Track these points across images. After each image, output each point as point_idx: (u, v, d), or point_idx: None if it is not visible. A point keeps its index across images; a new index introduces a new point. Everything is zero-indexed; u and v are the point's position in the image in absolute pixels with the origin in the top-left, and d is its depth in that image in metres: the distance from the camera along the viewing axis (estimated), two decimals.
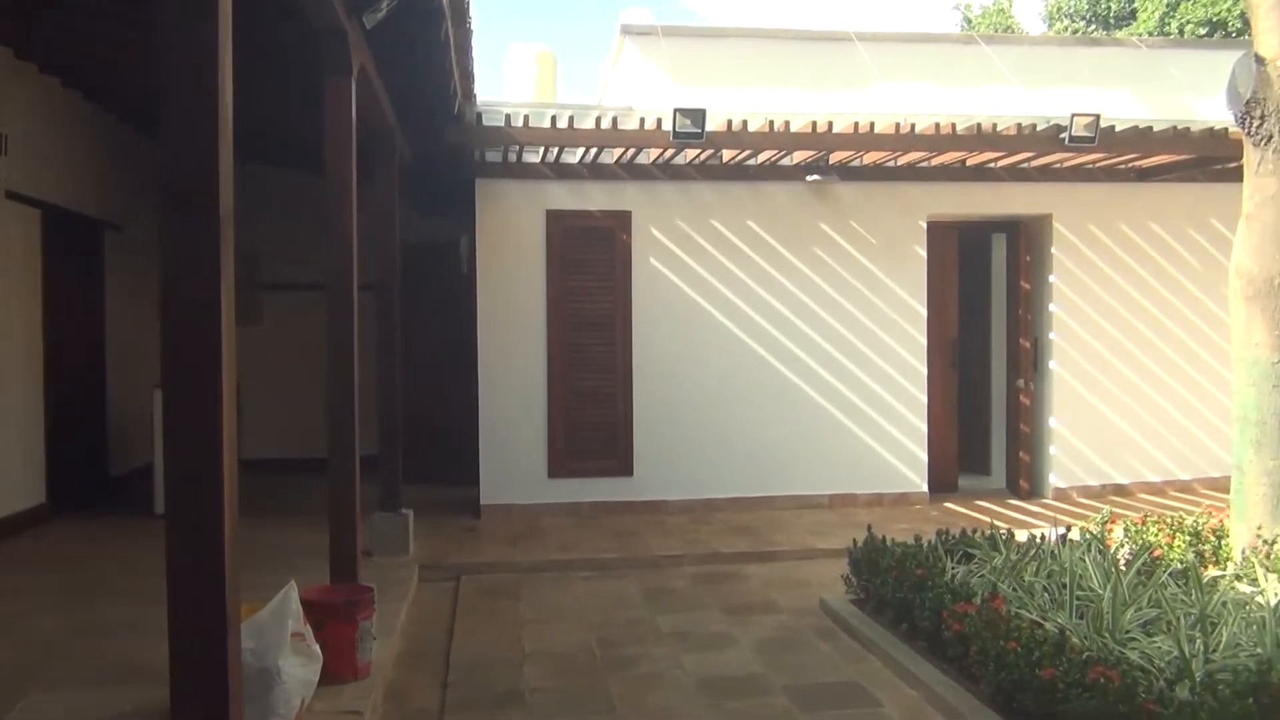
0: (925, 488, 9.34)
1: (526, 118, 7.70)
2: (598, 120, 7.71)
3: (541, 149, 8.38)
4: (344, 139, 5.12)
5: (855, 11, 38.25)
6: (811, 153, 8.49)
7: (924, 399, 9.35)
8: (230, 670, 2.81)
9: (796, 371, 9.17)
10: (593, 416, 8.91)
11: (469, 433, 8.92)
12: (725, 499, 9.01)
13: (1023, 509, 9.03)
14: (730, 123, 7.69)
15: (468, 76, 6.59)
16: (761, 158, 8.75)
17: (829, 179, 8.96)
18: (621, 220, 8.94)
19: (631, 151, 8.46)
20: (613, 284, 8.96)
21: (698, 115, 7.26)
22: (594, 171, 8.85)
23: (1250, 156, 5.51)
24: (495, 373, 8.77)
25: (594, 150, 8.40)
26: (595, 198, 8.91)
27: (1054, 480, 9.58)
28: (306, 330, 9.45)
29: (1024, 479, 9.78)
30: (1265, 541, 5.31)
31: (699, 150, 8.21)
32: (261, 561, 5.97)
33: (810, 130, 7.74)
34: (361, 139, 5.52)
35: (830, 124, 7.76)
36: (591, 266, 8.92)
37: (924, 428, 9.35)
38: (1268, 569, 5.02)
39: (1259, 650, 3.87)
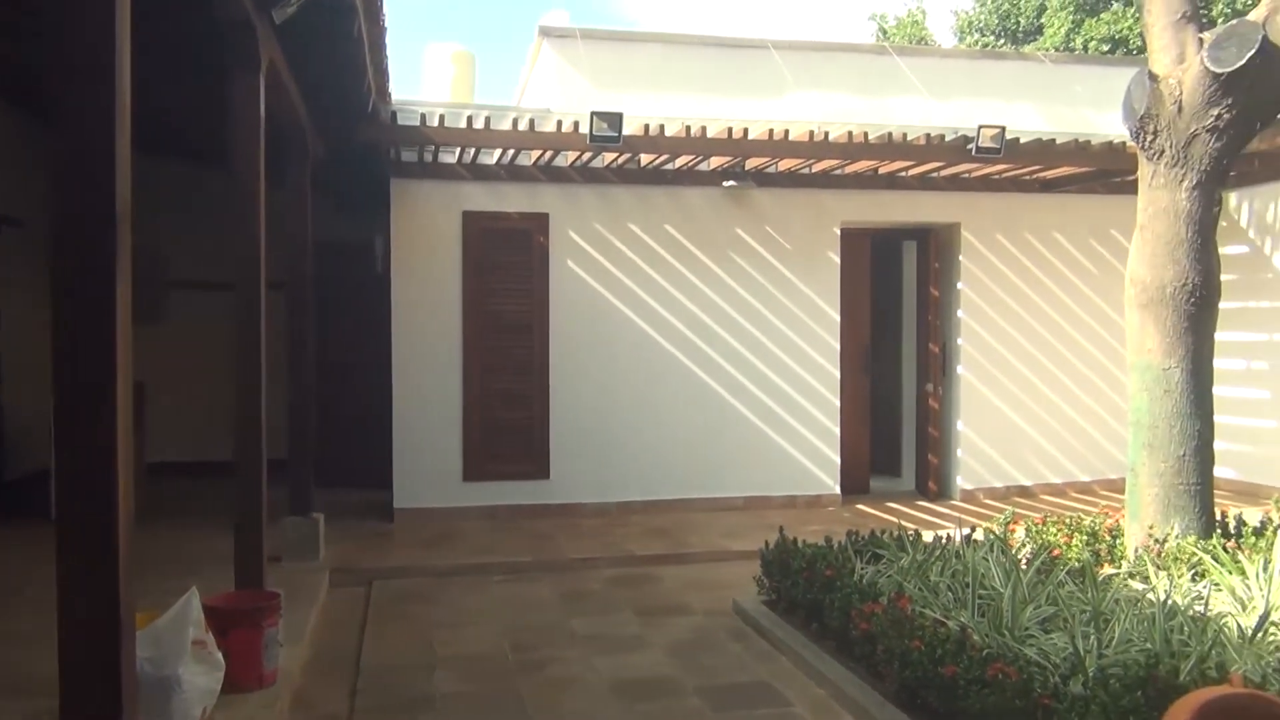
0: (838, 490, 9.49)
1: (442, 117, 7.63)
2: (514, 122, 7.68)
3: (458, 149, 8.31)
4: (252, 135, 5.01)
5: (773, 20, 38.78)
6: (728, 159, 8.57)
7: (837, 402, 9.50)
8: (124, 679, 2.72)
9: (712, 375, 9.24)
10: (509, 419, 8.86)
11: (384, 435, 8.80)
12: (641, 501, 9.03)
13: (931, 510, 9.24)
14: (647, 127, 7.72)
15: (382, 74, 6.51)
16: (679, 162, 8.80)
17: (745, 185, 9.06)
18: (539, 222, 8.91)
19: (549, 154, 8.44)
20: (530, 286, 8.92)
21: (615, 119, 7.28)
22: (511, 173, 8.80)
23: (1144, 170, 5.73)
24: (410, 374, 8.67)
25: (511, 152, 8.36)
26: (512, 199, 8.86)
27: (961, 482, 9.82)
28: (216, 330, 9.22)
29: (933, 481, 10.01)
30: (1157, 540, 5.52)
31: (617, 154, 8.23)
32: (164, 568, 5.83)
33: (726, 136, 7.82)
34: (272, 135, 5.42)
35: (746, 130, 7.86)
36: (508, 268, 8.87)
37: (837, 431, 9.51)
38: (1159, 567, 5.21)
39: (1149, 645, 4.01)
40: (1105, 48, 19.34)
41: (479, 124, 7.61)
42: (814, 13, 40.69)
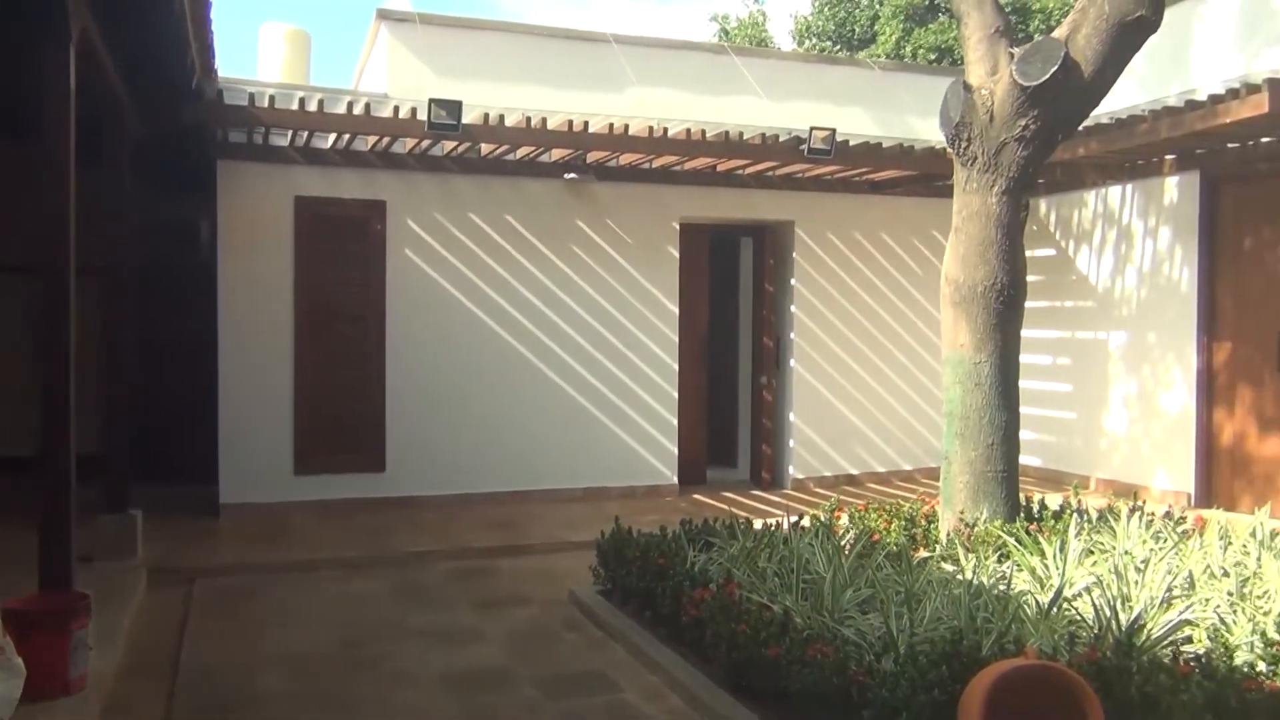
0: (675, 480, 9.67)
1: (272, 99, 7.38)
2: (350, 106, 7.50)
3: (290, 133, 8.04)
4: (61, 110, 4.72)
5: (616, 15, 38.98)
6: (569, 151, 8.60)
7: (675, 394, 9.68)
8: None
9: (553, 367, 9.26)
10: (343, 410, 8.65)
11: (210, 428, 8.44)
12: (481, 494, 8.97)
13: (764, 499, 9.53)
14: (487, 117, 7.66)
15: (206, 50, 6.23)
16: (520, 153, 8.77)
17: (586, 178, 9.11)
18: (376, 210, 8.72)
19: (387, 140, 8.27)
20: (366, 275, 8.73)
21: (454, 107, 7.20)
22: (347, 159, 8.58)
23: (959, 175, 6.06)
24: (238, 364, 8.34)
25: (347, 137, 8.15)
26: (348, 185, 8.65)
27: (793, 472, 10.16)
28: (23, 317, 8.65)
29: (766, 471, 10.32)
30: (967, 524, 5.86)
31: (456, 143, 8.13)
32: None
33: (567, 129, 7.84)
34: (87, 111, 5.11)
35: (586, 124, 7.90)
36: (344, 256, 8.65)
37: (675, 422, 9.68)
38: (968, 549, 5.54)
39: (956, 623, 4.26)
40: (933, 57, 20.26)
41: (311, 107, 7.39)
42: (657, 10, 41.14)
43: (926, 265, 10.44)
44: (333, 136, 8.18)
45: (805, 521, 6.32)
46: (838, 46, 22.81)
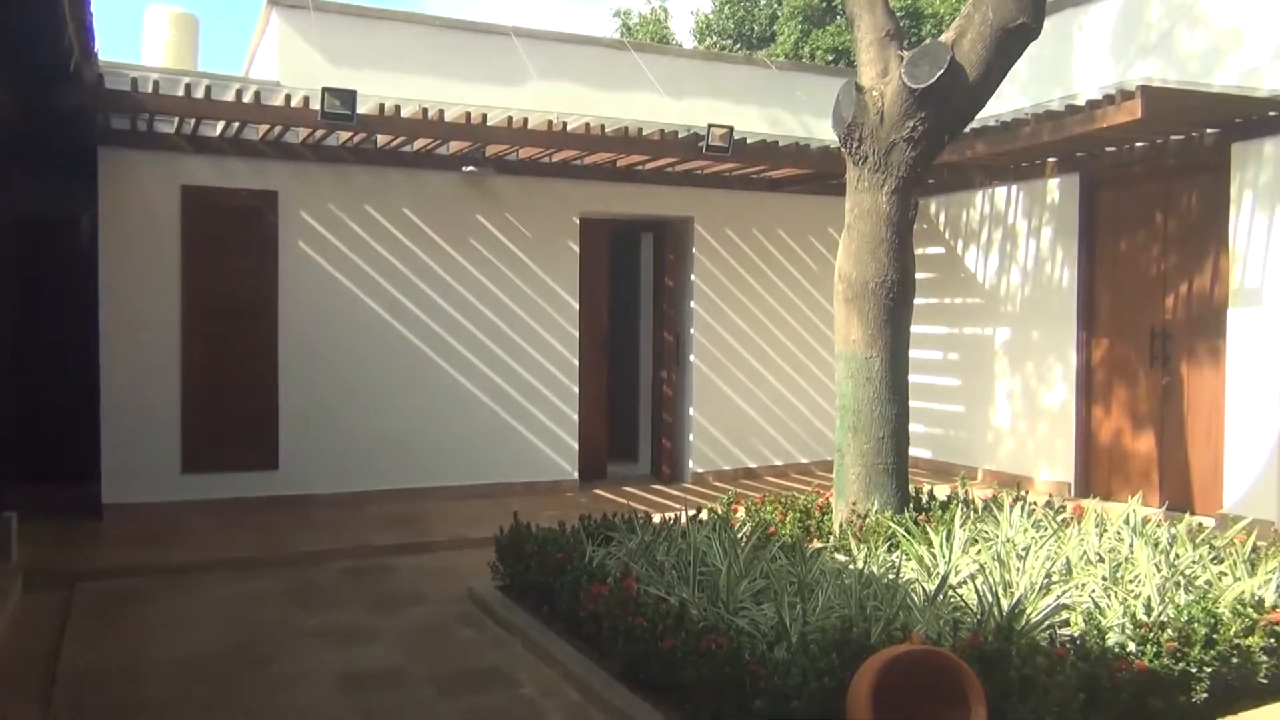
0: (576, 475, 9.68)
1: (157, 84, 7.12)
2: (239, 94, 7.29)
3: (176, 120, 7.78)
4: None
5: (518, 8, 38.64)
6: (468, 144, 8.51)
7: (576, 389, 9.68)
8: None
9: (452, 362, 9.17)
10: (234, 407, 8.42)
11: (92, 425, 8.11)
12: (379, 491, 8.84)
13: (664, 493, 9.60)
14: (383, 107, 7.54)
15: (85, 31, 5.97)
16: (418, 145, 8.65)
17: (485, 172, 9.04)
18: (268, 200, 8.50)
19: (279, 129, 8.06)
20: (258, 267, 8.51)
21: (348, 97, 7.06)
22: (238, 147, 8.34)
23: (851, 174, 6.19)
24: (122, 359, 8.04)
25: (237, 125, 7.93)
26: (239, 175, 8.41)
27: (693, 466, 10.26)
28: None
29: (667, 465, 10.41)
30: (859, 515, 6.00)
31: (352, 133, 7.98)
32: None
33: (465, 121, 7.76)
34: None
35: (485, 116, 7.83)
36: (234, 248, 8.42)
37: (575, 417, 9.68)
38: (859, 540, 5.68)
39: (846, 611, 4.37)
40: (830, 58, 20.64)
41: (199, 93, 7.16)
42: (560, 5, 40.98)
43: (822, 262, 10.65)
44: (221, 124, 7.94)
45: (703, 515, 6.39)
46: (738, 45, 23.06)
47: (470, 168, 8.97)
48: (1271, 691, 4.29)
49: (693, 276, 10.21)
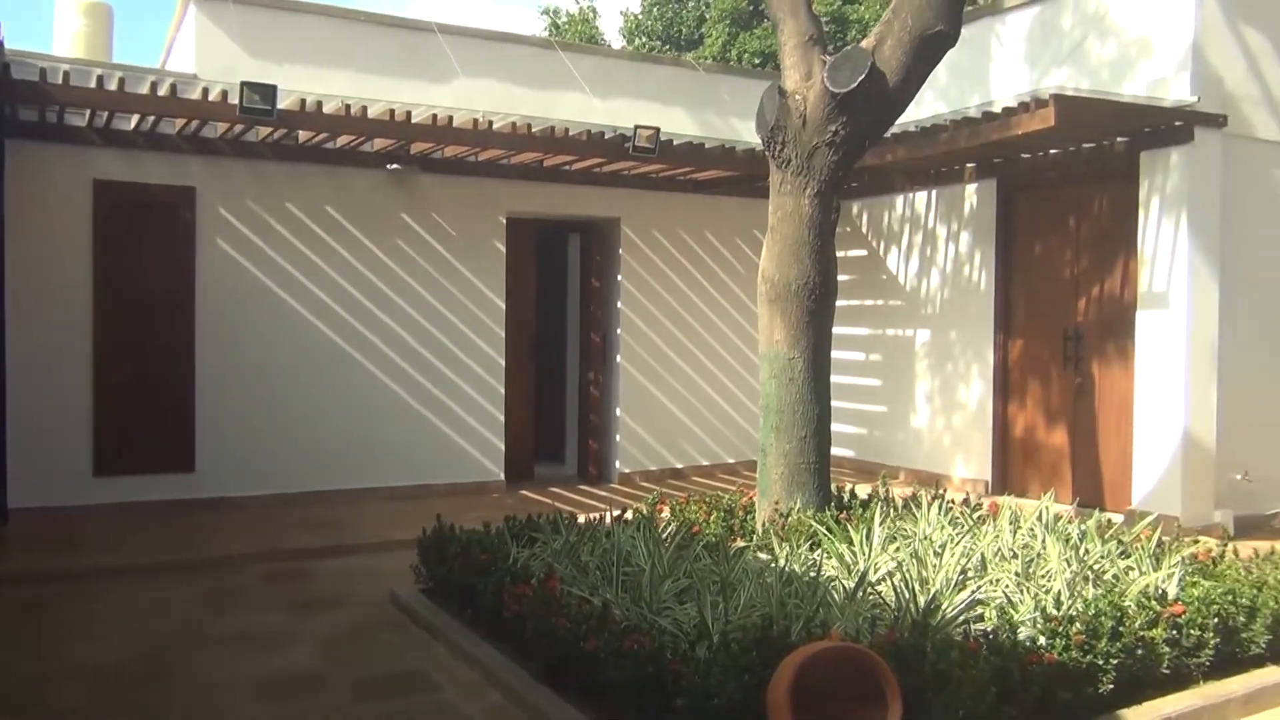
0: (502, 476, 9.63)
1: (67, 75, 6.92)
2: (154, 86, 7.10)
3: (88, 112, 7.55)
4: None
5: (444, 5, 38.20)
6: (391, 141, 8.41)
7: (502, 390, 9.63)
8: None
9: (376, 362, 9.06)
10: (149, 408, 8.20)
11: None
12: (301, 493, 8.69)
13: (591, 494, 9.60)
14: (304, 102, 7.41)
15: None
16: (340, 142, 8.53)
17: (410, 169, 8.95)
18: (185, 196, 8.31)
19: (196, 123, 7.88)
20: (175, 265, 8.31)
21: (268, 91, 6.92)
22: (153, 142, 8.13)
23: (774, 176, 6.26)
24: (29, 359, 7.77)
25: (152, 119, 7.73)
26: (154, 170, 8.20)
27: (619, 466, 10.28)
28: None
29: (593, 466, 10.41)
30: (781, 515, 6.07)
31: (272, 128, 7.83)
32: None
33: (388, 118, 7.66)
34: None
35: (409, 114, 7.75)
36: (149, 245, 8.21)
37: (502, 418, 9.63)
38: (782, 539, 5.74)
39: (767, 610, 4.42)
40: (758, 61, 20.84)
41: (111, 85, 6.96)
42: (487, 2, 40.69)
43: (748, 263, 10.74)
44: (136, 118, 7.73)
45: (629, 515, 6.40)
46: (666, 46, 23.17)
47: (395, 165, 8.87)
48: (1174, 681, 4.45)
49: (619, 277, 10.23)
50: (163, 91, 7.11)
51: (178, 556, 7.00)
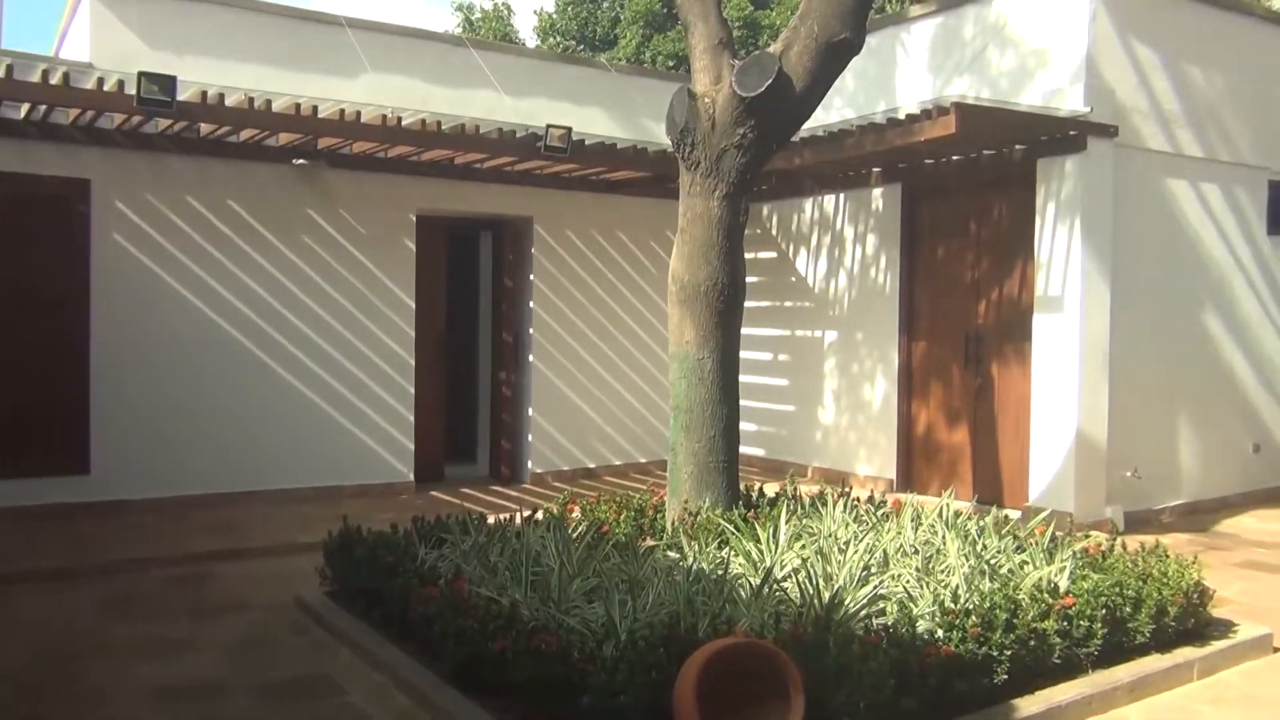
0: (412, 477, 9.53)
1: None
2: (45, 75, 6.85)
3: None
4: None
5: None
6: (298, 136, 8.25)
7: (412, 390, 9.52)
8: None
9: (281, 361, 8.88)
10: (39, 408, 7.92)
11: None
12: (203, 495, 8.48)
13: (502, 494, 9.56)
14: (205, 95, 7.21)
15: None
16: (244, 136, 8.34)
17: (317, 165, 8.79)
18: (78, 189, 8.04)
19: (92, 114, 7.62)
20: (67, 259, 8.04)
21: (167, 83, 6.73)
22: (45, 132, 7.84)
23: (684, 178, 6.32)
24: None
25: (44, 108, 7.45)
26: (47, 161, 7.91)
27: (532, 466, 10.25)
28: None
29: (505, 466, 10.36)
30: (690, 513, 6.12)
31: (172, 121, 7.62)
32: None
33: (294, 112, 7.52)
34: None
35: (315, 108, 7.61)
36: (39, 239, 7.92)
37: (412, 418, 9.53)
38: (690, 537, 5.80)
39: (674, 607, 4.46)
40: (671, 64, 20.98)
41: None
42: None
43: (660, 264, 10.80)
44: (26, 107, 7.45)
45: (539, 515, 6.39)
46: (581, 46, 23.16)
47: (301, 160, 8.71)
48: (1064, 671, 4.62)
49: (532, 276, 10.20)
50: (55, 80, 6.87)
51: (73, 562, 6.78)
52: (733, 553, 5.53)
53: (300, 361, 8.96)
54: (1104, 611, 4.76)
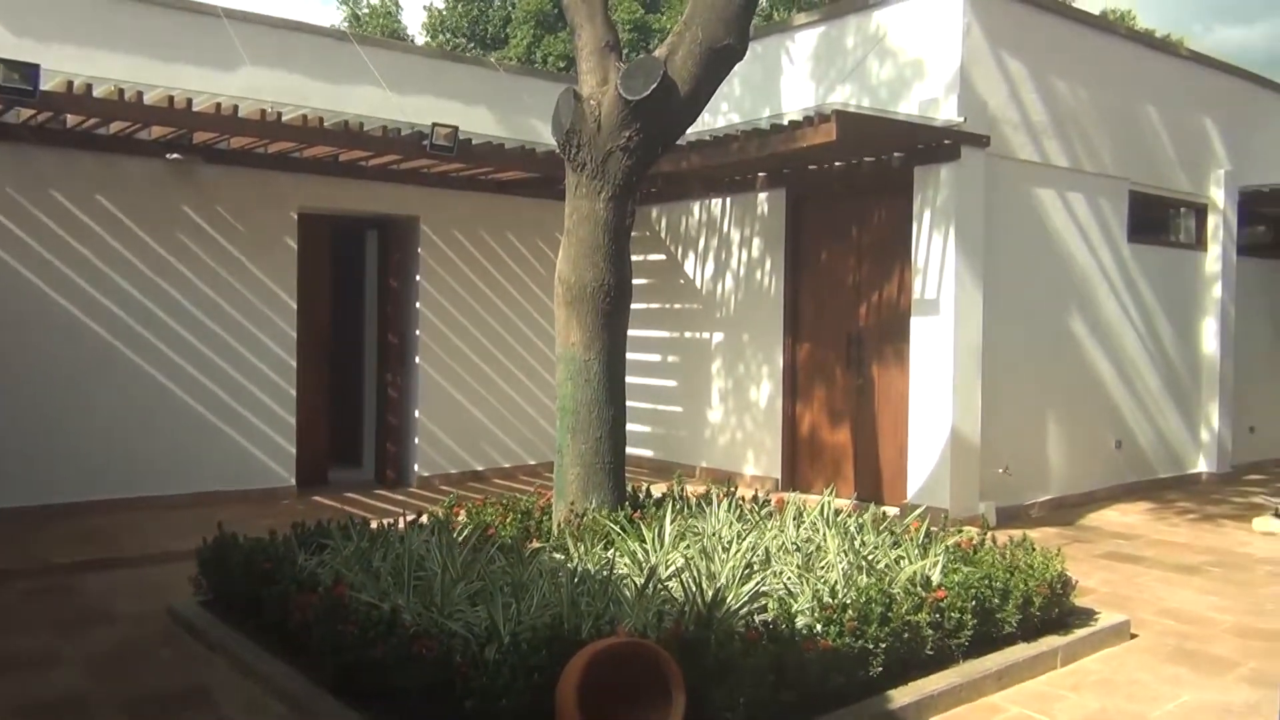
0: (293, 482, 9.30)
1: None
2: None
3: None
4: None
5: None
6: (171, 130, 7.97)
7: (293, 392, 9.29)
8: None
9: (155, 363, 8.56)
10: None
11: None
12: (72, 503, 8.13)
13: (388, 498, 9.41)
14: (72, 84, 6.91)
15: None
16: (114, 128, 8.01)
17: (192, 160, 8.51)
18: None
19: None
20: None
21: (29, 71, 6.41)
22: None
23: (570, 180, 6.32)
24: None
25: None
26: None
27: (419, 469, 10.11)
28: None
29: (391, 469, 10.20)
30: (577, 515, 6.13)
31: (35, 110, 7.27)
32: None
33: (167, 105, 7.26)
34: None
35: (189, 101, 7.36)
36: None
37: (293, 421, 9.29)
38: (577, 539, 5.80)
39: (558, 609, 4.46)
40: (562, 64, 20.95)
41: None
42: None
43: (549, 265, 10.77)
44: None
45: (424, 519, 6.31)
46: (471, 44, 22.95)
47: (175, 155, 8.41)
48: (937, 662, 4.78)
49: (418, 277, 10.06)
50: None
51: None
52: (618, 553, 5.55)
53: (175, 364, 8.65)
54: (974, 603, 4.94)
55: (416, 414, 10.09)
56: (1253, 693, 4.82)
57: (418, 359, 10.08)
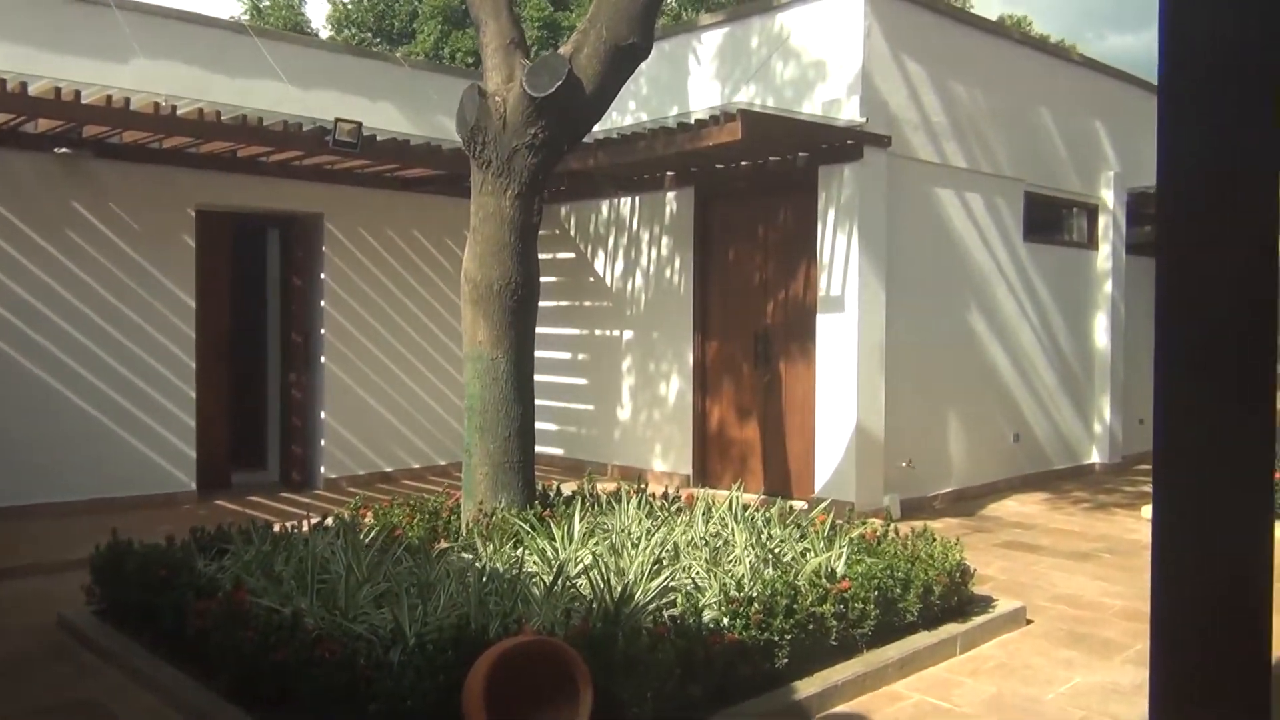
0: (194, 486, 9.05)
1: None
2: None
3: None
4: None
5: None
6: (59, 123, 7.67)
7: (193, 394, 9.04)
8: None
9: (44, 366, 8.24)
10: None
11: None
12: None
13: (293, 500, 9.21)
14: None
15: None
16: None
17: (82, 155, 8.20)
18: None
19: None
20: None
21: None
22: None
23: (476, 177, 6.27)
24: None
25: None
26: None
27: (325, 471, 9.92)
28: None
29: (297, 471, 9.99)
30: (486, 514, 6.09)
31: None
32: None
33: (53, 97, 6.98)
34: None
35: (78, 93, 7.10)
36: None
37: (193, 424, 9.04)
38: (486, 538, 5.76)
39: (466, 609, 4.42)
40: (470, 60, 20.73)
41: None
42: None
43: (457, 263, 10.58)
44: None
45: (329, 521, 6.20)
46: (378, 39, 22.58)
47: (64, 149, 8.10)
48: (842, 652, 4.87)
49: (323, 275, 9.87)
50: None
51: None
52: (527, 552, 5.54)
53: (68, 366, 8.34)
54: (877, 593, 5.04)
55: (322, 415, 9.90)
56: (1139, 673, 5.03)
57: (323, 358, 9.89)
